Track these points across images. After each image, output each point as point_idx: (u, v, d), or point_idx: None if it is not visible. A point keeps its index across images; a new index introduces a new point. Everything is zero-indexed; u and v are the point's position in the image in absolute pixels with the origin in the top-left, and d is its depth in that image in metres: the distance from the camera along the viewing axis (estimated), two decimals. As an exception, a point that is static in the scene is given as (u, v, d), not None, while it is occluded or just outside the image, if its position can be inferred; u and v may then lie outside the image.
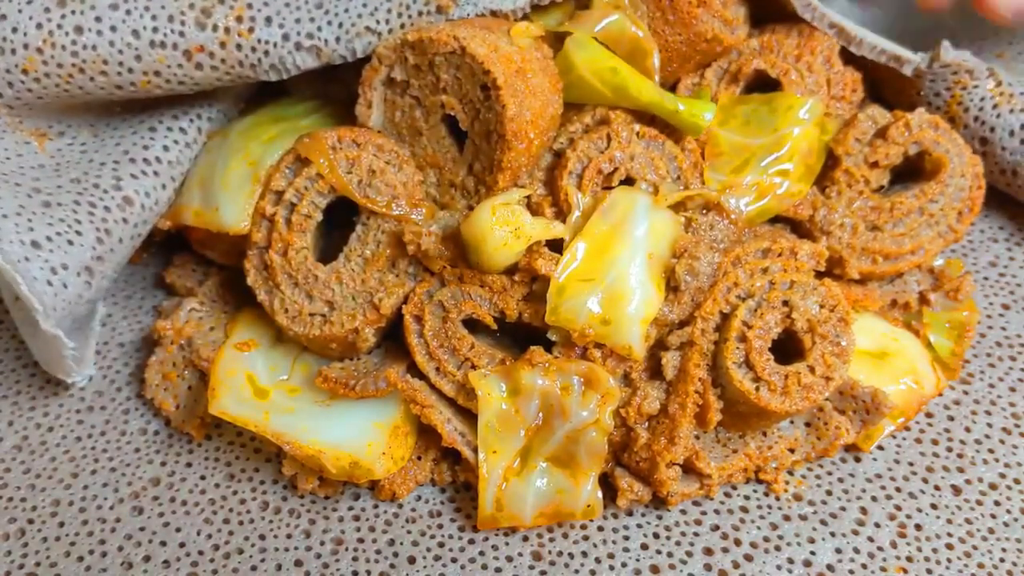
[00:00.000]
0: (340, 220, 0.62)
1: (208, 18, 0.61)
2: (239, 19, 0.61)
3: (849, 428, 0.60)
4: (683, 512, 0.59)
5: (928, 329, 0.67)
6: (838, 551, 0.57)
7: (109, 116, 0.68)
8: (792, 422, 0.61)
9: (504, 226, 0.56)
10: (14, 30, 0.59)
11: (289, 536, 0.59)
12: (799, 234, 0.66)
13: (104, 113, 0.68)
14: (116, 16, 0.60)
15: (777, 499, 0.60)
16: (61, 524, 0.59)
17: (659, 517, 0.59)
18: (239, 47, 0.61)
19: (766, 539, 0.58)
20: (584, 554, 0.57)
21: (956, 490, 0.60)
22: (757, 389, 0.56)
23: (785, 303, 0.58)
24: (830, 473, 0.61)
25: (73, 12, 0.60)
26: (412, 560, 0.57)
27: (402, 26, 0.61)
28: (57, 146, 0.66)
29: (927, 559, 0.57)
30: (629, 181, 0.61)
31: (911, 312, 0.68)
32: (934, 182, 0.66)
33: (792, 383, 0.56)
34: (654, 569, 0.57)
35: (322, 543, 0.58)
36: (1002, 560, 0.57)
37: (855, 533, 0.58)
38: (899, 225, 0.66)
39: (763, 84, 0.68)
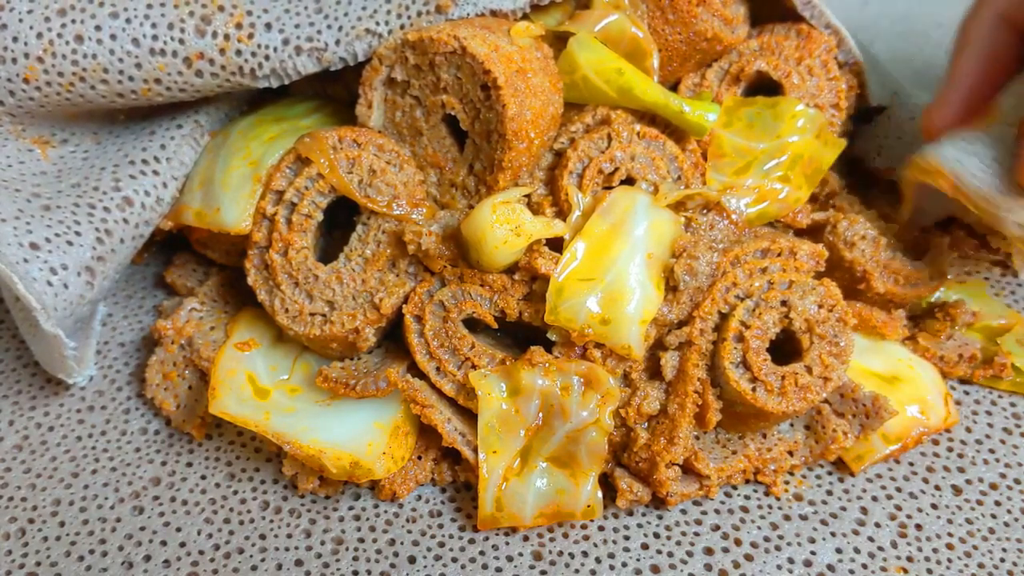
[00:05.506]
0: (340, 220, 0.62)
1: (208, 25, 0.61)
2: (239, 25, 0.61)
3: (848, 432, 0.59)
4: (683, 512, 0.59)
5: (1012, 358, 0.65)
6: (838, 551, 0.57)
7: (112, 123, 0.68)
8: (792, 425, 0.61)
9: (504, 224, 0.56)
10: (15, 39, 0.59)
11: (289, 536, 0.59)
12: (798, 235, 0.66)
13: (107, 121, 0.68)
14: (116, 25, 0.60)
15: (777, 499, 0.60)
16: (62, 524, 0.59)
17: (659, 517, 0.59)
18: (239, 53, 0.62)
19: (766, 539, 0.58)
20: (584, 554, 0.57)
21: (956, 490, 0.60)
22: (754, 389, 0.56)
23: (783, 303, 0.58)
24: (830, 473, 0.61)
25: (73, 21, 0.60)
26: (412, 560, 0.57)
27: (402, 27, 0.61)
28: (60, 153, 0.66)
29: (927, 559, 0.57)
30: (630, 181, 0.61)
31: (976, 362, 0.66)
32: None
33: (789, 383, 0.56)
34: (654, 569, 0.57)
35: (322, 543, 0.58)
36: (1002, 560, 0.56)
37: (855, 533, 0.58)
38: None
39: (763, 85, 0.68)
